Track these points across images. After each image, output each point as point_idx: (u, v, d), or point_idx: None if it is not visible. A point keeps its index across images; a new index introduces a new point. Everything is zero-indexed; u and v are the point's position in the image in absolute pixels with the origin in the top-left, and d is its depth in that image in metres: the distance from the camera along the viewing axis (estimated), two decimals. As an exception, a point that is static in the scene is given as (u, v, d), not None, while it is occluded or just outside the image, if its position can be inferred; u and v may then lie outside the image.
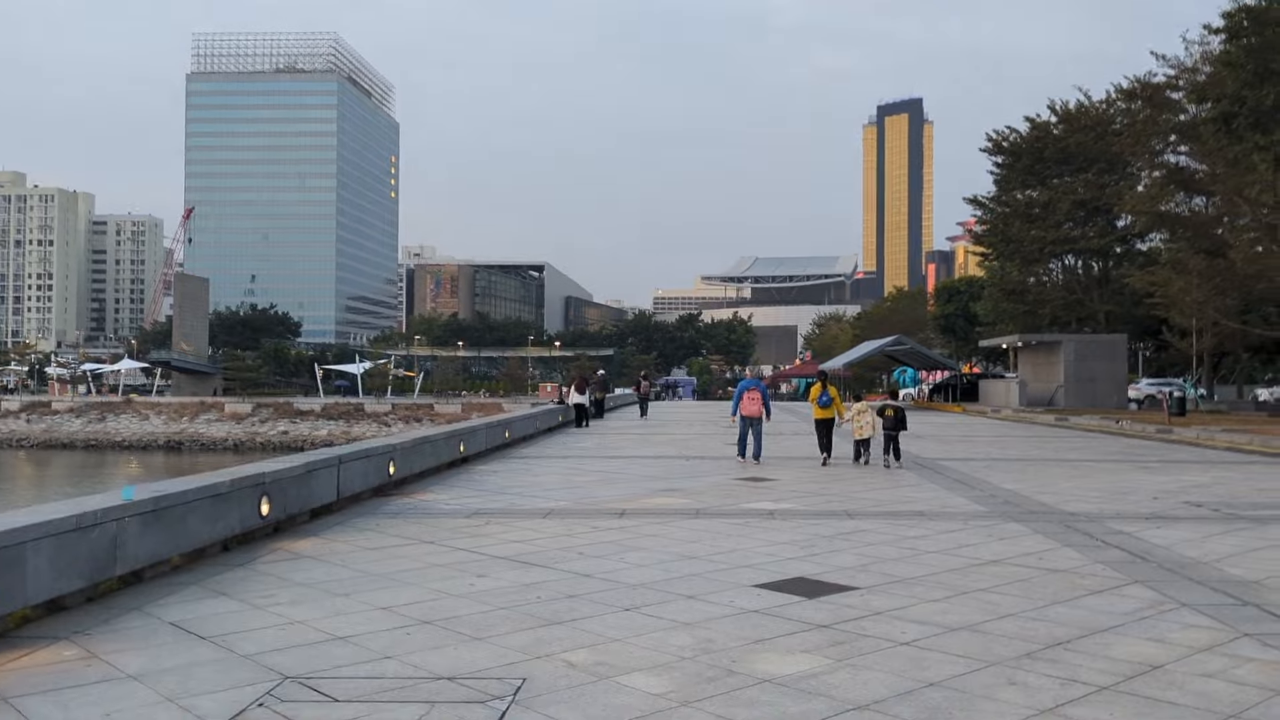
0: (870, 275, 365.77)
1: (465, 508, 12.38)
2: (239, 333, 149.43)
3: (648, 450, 21.86)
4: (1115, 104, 48.49)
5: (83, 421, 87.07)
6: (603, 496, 13.49)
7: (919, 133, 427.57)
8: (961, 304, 78.36)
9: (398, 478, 14.26)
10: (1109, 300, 48.91)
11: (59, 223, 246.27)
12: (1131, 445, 24.07)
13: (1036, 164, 50.09)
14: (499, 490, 14.28)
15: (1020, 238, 48.57)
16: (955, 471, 16.98)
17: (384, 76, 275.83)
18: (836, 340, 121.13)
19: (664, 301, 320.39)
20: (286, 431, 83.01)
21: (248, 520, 9.58)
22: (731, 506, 12.40)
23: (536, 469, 17.53)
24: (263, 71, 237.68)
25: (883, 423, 17.73)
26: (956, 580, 7.91)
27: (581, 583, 7.88)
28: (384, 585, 7.83)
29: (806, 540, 9.83)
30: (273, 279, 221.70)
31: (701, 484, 14.96)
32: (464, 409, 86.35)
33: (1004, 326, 57.26)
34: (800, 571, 8.27)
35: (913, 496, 13.45)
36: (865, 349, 57.79)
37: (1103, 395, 42.51)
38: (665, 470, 17.19)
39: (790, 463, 18.57)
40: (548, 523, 11.12)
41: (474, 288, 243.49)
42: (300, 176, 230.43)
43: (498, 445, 21.34)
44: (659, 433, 28.81)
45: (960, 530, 10.49)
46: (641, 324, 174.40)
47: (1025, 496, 13.42)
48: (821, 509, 12.19)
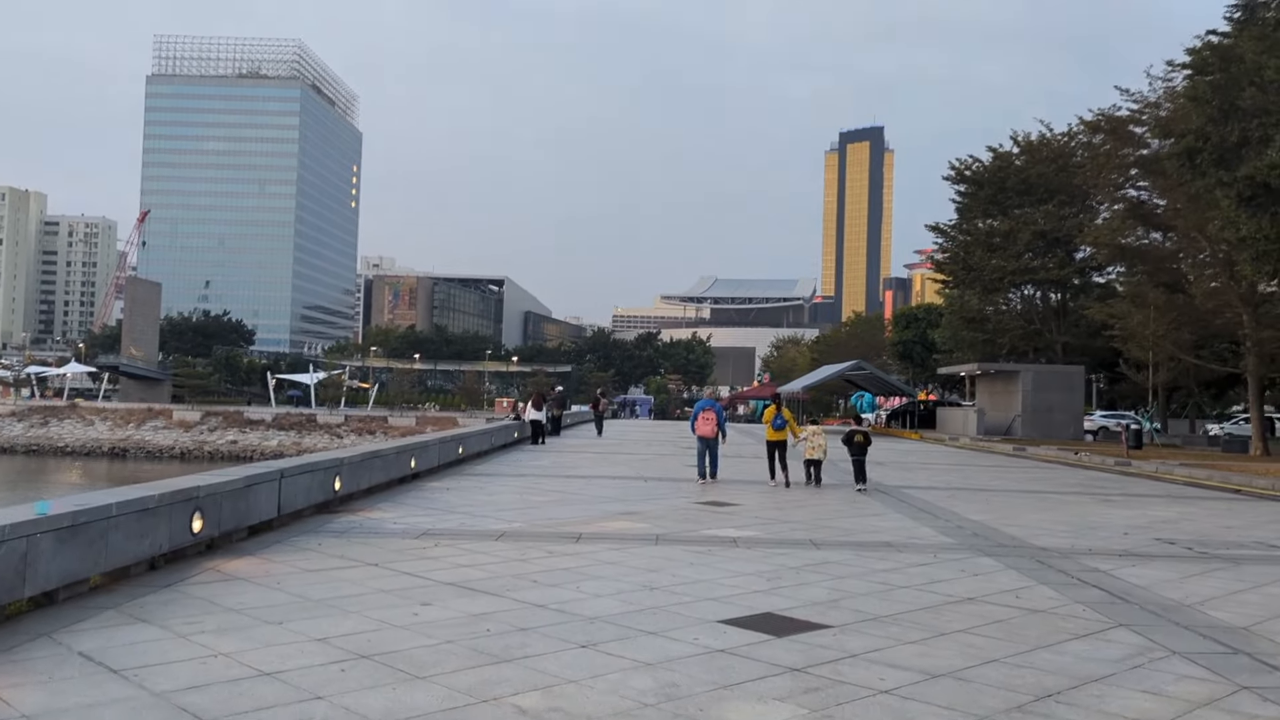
0: (829, 300, 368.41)
1: (414, 527, 11.79)
2: (191, 339, 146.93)
3: (605, 470, 21.34)
4: (1077, 137, 48.94)
5: (24, 426, 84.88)
6: (559, 518, 12.95)
7: (880, 160, 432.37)
8: (919, 331, 78.71)
9: (344, 493, 13.62)
10: (1066, 331, 49.20)
11: (9, 222, 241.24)
12: (1092, 477, 23.92)
13: (998, 194, 50.37)
14: (450, 509, 13.69)
15: (981, 266, 48.75)
16: (919, 500, 16.63)
17: (348, 86, 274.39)
18: (795, 363, 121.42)
19: (623, 320, 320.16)
20: (235, 441, 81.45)
21: (178, 537, 8.94)
22: (693, 533, 11.92)
23: (491, 487, 16.94)
24: (225, 76, 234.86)
25: (852, 448, 18.08)
26: (933, 620, 7.48)
27: (535, 614, 7.35)
28: (322, 613, 7.24)
29: (773, 571, 9.36)
30: (228, 285, 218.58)
31: (661, 507, 14.47)
32: (419, 422, 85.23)
33: (962, 355, 57.47)
34: (768, 606, 7.80)
35: (879, 526, 13.05)
36: (824, 373, 57.72)
37: (1059, 426, 42.61)
38: (623, 491, 16.69)
39: (752, 486, 18.14)
40: (500, 546, 10.57)
41: (432, 300, 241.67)
42: (260, 183, 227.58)
43: (451, 461, 20.72)
44: (617, 452, 28.30)
45: (931, 564, 10.08)
46: (600, 341, 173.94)
47: (993, 529, 13.06)
48: (786, 537, 11.74)
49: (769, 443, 18.72)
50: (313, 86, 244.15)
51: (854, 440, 18.23)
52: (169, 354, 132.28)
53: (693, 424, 18.87)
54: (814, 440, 18.28)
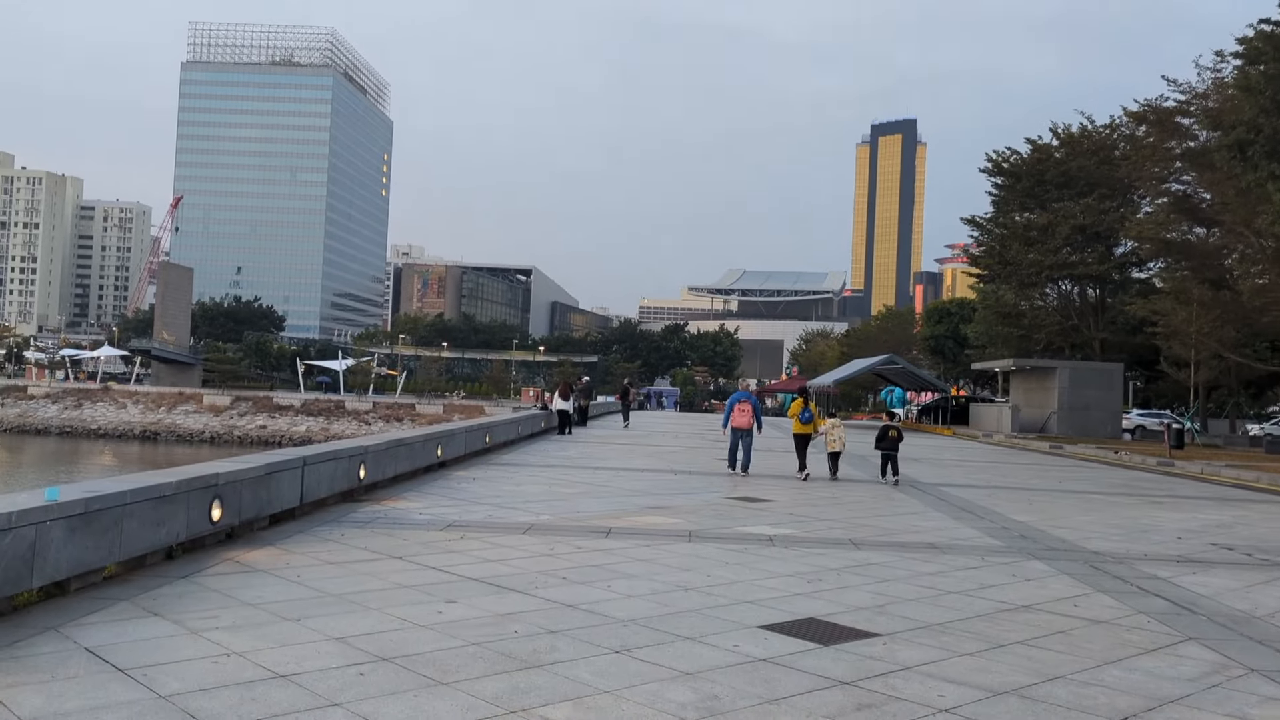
0: (858, 294, 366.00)
1: (439, 518, 11.44)
2: (222, 324, 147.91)
3: (634, 462, 20.95)
4: (1119, 129, 47.93)
5: (58, 408, 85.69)
6: (588, 511, 12.57)
7: (912, 153, 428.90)
8: (952, 325, 77.66)
9: (368, 482, 13.31)
10: (1104, 328, 48.24)
11: (46, 206, 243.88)
12: (1135, 478, 23.28)
13: (1036, 186, 49.43)
14: (477, 500, 13.35)
15: (1017, 260, 47.86)
16: (958, 499, 16.13)
17: (380, 74, 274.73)
18: (824, 356, 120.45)
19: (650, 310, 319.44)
20: (265, 426, 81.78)
21: (196, 526, 8.63)
22: (727, 529, 11.51)
23: (518, 477, 16.59)
24: (258, 63, 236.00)
25: (885, 443, 18.12)
26: (989, 629, 7.03)
27: (565, 615, 6.97)
28: (342, 609, 6.89)
29: (813, 573, 8.93)
30: (259, 272, 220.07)
31: (693, 502, 14.06)
32: (445, 410, 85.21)
33: (996, 350, 56.56)
34: (810, 611, 7.37)
35: (920, 526, 12.57)
36: (855, 366, 57.02)
37: (1096, 424, 41.81)
38: (654, 484, 16.29)
39: (784, 481, 17.69)
40: (528, 540, 10.20)
41: (461, 289, 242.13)
42: (291, 170, 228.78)
43: (478, 450, 20.40)
44: (644, 444, 27.90)
45: (980, 568, 9.61)
46: (627, 332, 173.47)
47: (1040, 530, 12.56)
48: (824, 536, 11.30)
49: (796, 435, 18.80)
50: (345, 74, 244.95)
51: (888, 436, 18.18)
52: (200, 339, 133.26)
53: (727, 419, 18.72)
54: (834, 434, 18.45)
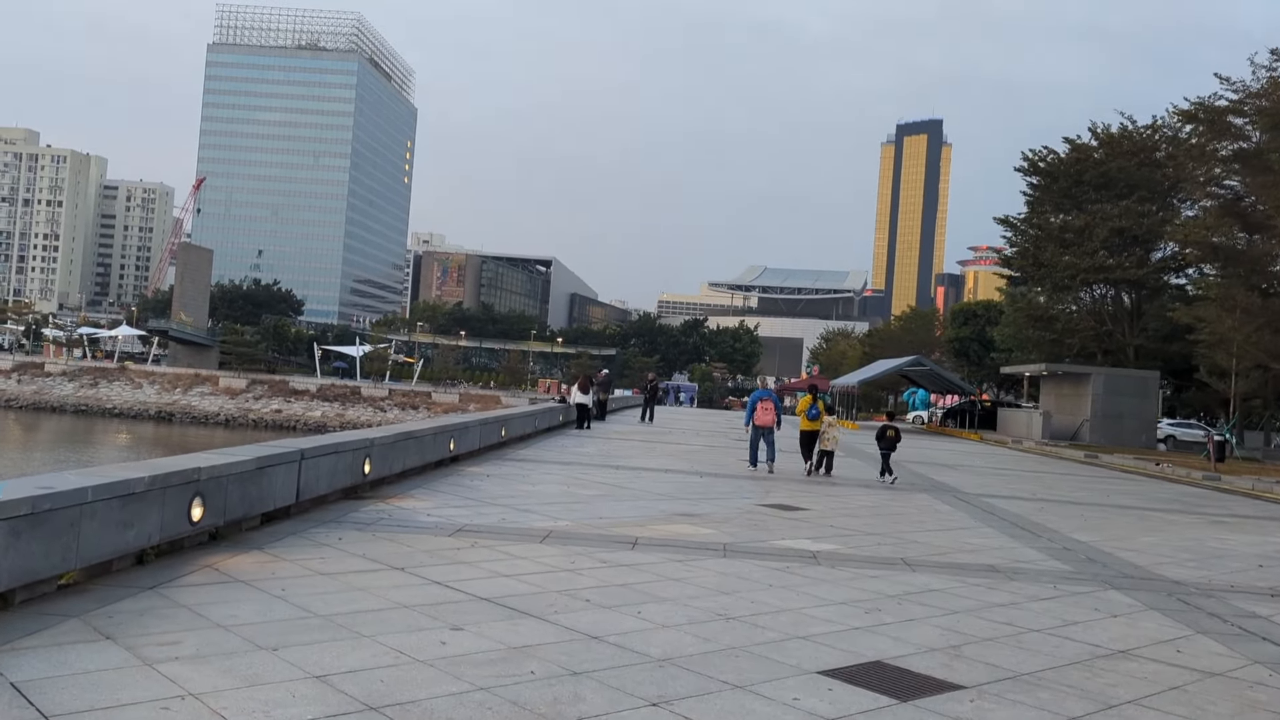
0: (879, 294, 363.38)
1: (449, 521, 10.42)
2: (240, 307, 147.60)
3: (656, 461, 19.90)
4: (1161, 129, 46.50)
5: (75, 386, 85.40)
6: (610, 517, 11.52)
7: (937, 154, 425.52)
8: (977, 328, 76.20)
9: (374, 478, 12.31)
10: (1139, 335, 46.83)
11: (69, 184, 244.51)
12: (1183, 492, 22.07)
13: (1074, 187, 47.98)
14: (490, 500, 12.32)
15: (1052, 262, 46.46)
16: (1006, 512, 15.00)
17: (405, 61, 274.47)
18: (845, 356, 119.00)
19: (668, 305, 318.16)
20: (280, 410, 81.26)
21: (172, 527, 7.62)
22: (763, 543, 10.44)
23: (534, 475, 15.57)
24: (284, 47, 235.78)
25: (883, 443, 18.53)
26: (1090, 682, 5.94)
27: (590, 650, 5.92)
28: (328, 636, 5.87)
29: (869, 600, 7.86)
30: (279, 255, 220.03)
31: (723, 509, 12.99)
32: (461, 399, 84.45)
33: (1024, 354, 55.18)
34: (875, 651, 6.30)
35: (974, 543, 11.47)
36: (881, 367, 55.72)
37: (1130, 434, 40.49)
38: (679, 487, 15.24)
39: (815, 485, 16.61)
40: (546, 549, 9.16)
41: (480, 278, 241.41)
42: (314, 155, 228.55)
43: (493, 444, 19.40)
44: (664, 441, 26.85)
45: (1055, 598, 8.50)
46: (646, 326, 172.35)
47: (1105, 553, 11.44)
48: (873, 554, 10.22)
49: (803, 432, 19.14)
50: (370, 60, 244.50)
51: (886, 435, 18.54)
52: (219, 320, 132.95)
53: (749, 416, 18.80)
54: (829, 433, 18.65)
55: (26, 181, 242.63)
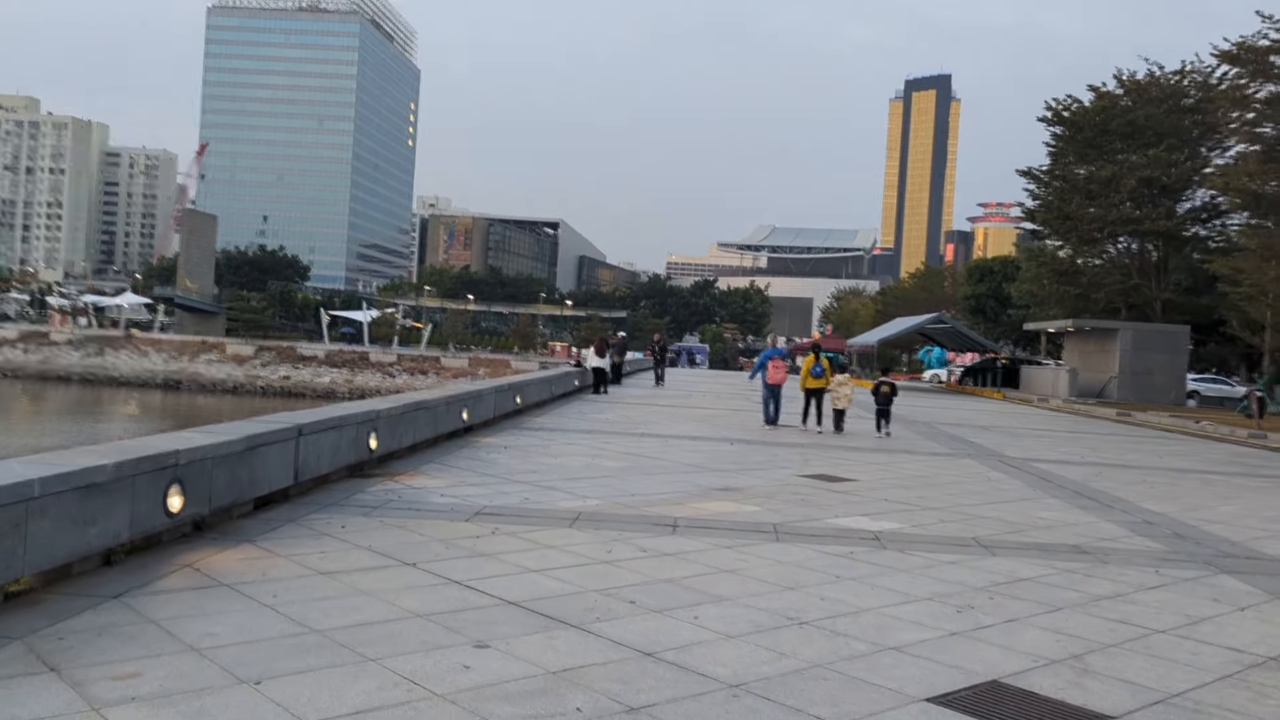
0: (888, 251, 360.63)
1: (465, 502, 9.35)
2: (246, 273, 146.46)
3: (680, 427, 18.81)
4: (1190, 74, 44.80)
5: (80, 355, 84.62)
6: (643, 493, 10.44)
7: (946, 110, 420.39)
8: (994, 284, 74.69)
9: (381, 453, 11.24)
10: (1167, 288, 45.43)
11: (71, 152, 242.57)
12: (1235, 453, 20.93)
13: (1099, 137, 46.30)
14: (510, 475, 11.25)
15: (1078, 215, 44.95)
16: (1063, 479, 13.90)
17: (407, 22, 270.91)
18: (857, 315, 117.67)
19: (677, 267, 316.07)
20: (288, 377, 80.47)
21: (146, 520, 6.55)
22: (816, 522, 9.35)
23: (555, 446, 14.48)
24: (285, 9, 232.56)
25: (878, 398, 19.29)
26: (1257, 706, 4.85)
27: (645, 674, 4.85)
28: (326, 659, 4.81)
29: (955, 593, 6.77)
30: (285, 221, 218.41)
31: (762, 481, 11.91)
32: (471, 363, 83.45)
33: (1042, 310, 53.78)
34: (986, 666, 5.22)
35: (1045, 518, 10.37)
36: (900, 325, 54.47)
37: (1159, 390, 39.30)
38: (710, 457, 14.15)
39: (857, 453, 15.52)
40: (577, 535, 8.08)
41: (487, 241, 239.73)
42: (318, 118, 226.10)
43: (508, 413, 18.32)
44: (685, 405, 25.77)
45: (1164, 586, 7.41)
46: (656, 287, 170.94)
47: (1190, 525, 10.35)
48: (939, 533, 9.12)
49: (806, 390, 19.52)
50: (372, 21, 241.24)
51: (880, 390, 19.39)
52: (225, 287, 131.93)
53: (758, 371, 19.81)
54: (840, 391, 19.19)
55: (28, 149, 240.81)
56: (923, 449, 17.20)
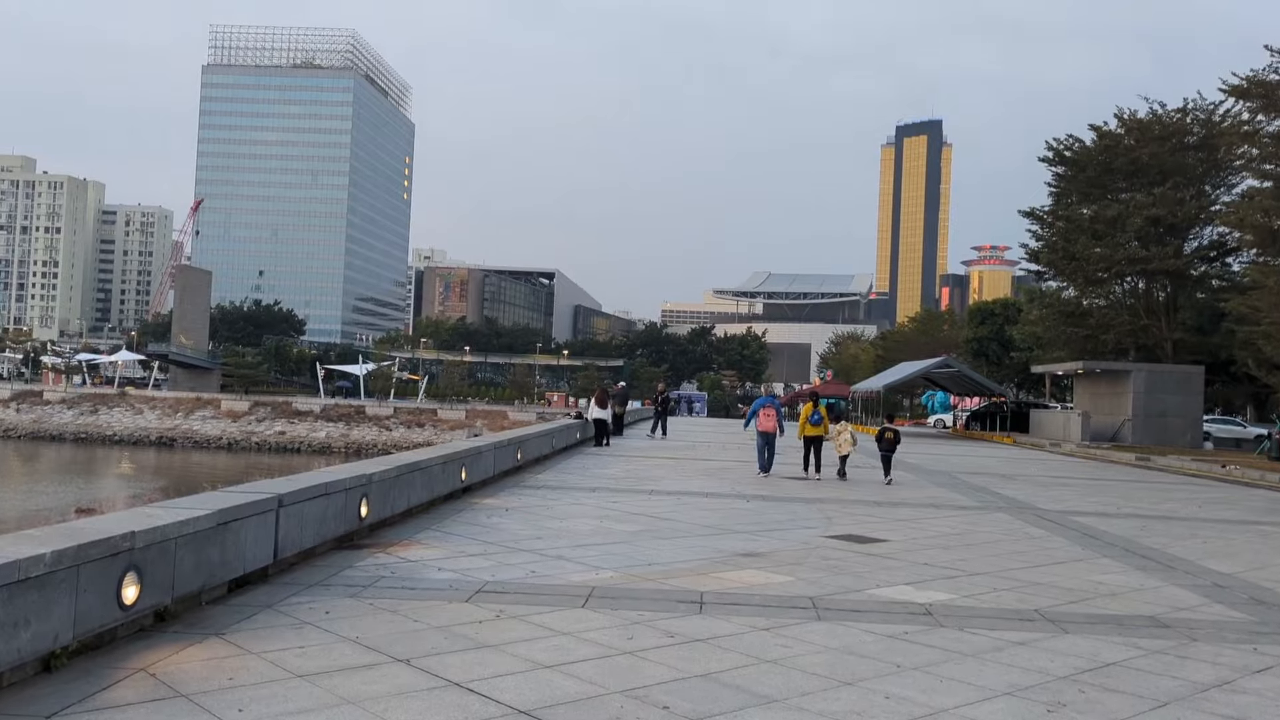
0: (883, 296, 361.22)
1: (466, 577, 8.39)
2: (241, 328, 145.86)
3: (690, 482, 17.86)
4: (1192, 112, 44.44)
5: (74, 413, 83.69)
6: (660, 562, 9.48)
7: (937, 155, 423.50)
8: (995, 327, 74.07)
9: (373, 520, 10.29)
10: (1177, 328, 44.68)
11: (67, 210, 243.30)
12: (1276, 500, 19.97)
13: (1103, 176, 45.85)
14: (513, 543, 10.29)
15: (1084, 255, 44.35)
16: (1109, 535, 12.94)
17: (401, 77, 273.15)
18: (856, 360, 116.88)
19: (672, 314, 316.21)
20: (284, 432, 79.57)
21: (93, 616, 5.61)
22: (857, 594, 8.39)
23: (560, 507, 13.52)
24: (280, 66, 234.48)
25: (883, 445, 19.47)
26: None
27: (694, 815, 3.88)
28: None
29: (1039, 685, 5.81)
30: (280, 275, 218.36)
31: (787, 544, 10.96)
32: (468, 415, 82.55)
33: (1046, 353, 52.99)
34: (1108, 791, 4.26)
35: (1105, 581, 9.42)
36: (906, 370, 53.58)
37: (1175, 432, 38.39)
38: (727, 516, 13.19)
39: (876, 508, 14.55)
40: (593, 618, 7.12)
41: (483, 292, 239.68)
42: (313, 174, 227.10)
43: (508, 469, 17.36)
44: (692, 457, 24.82)
45: (1271, 669, 6.45)
46: (652, 335, 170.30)
47: (1267, 589, 9.40)
48: (996, 605, 8.16)
49: (806, 438, 19.63)
50: (366, 77, 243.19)
51: (885, 437, 19.52)
52: (221, 343, 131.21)
53: (751, 417, 20.14)
54: (840, 437, 19.51)
55: (24, 209, 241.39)
56: (949, 502, 16.26)
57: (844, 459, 19.43)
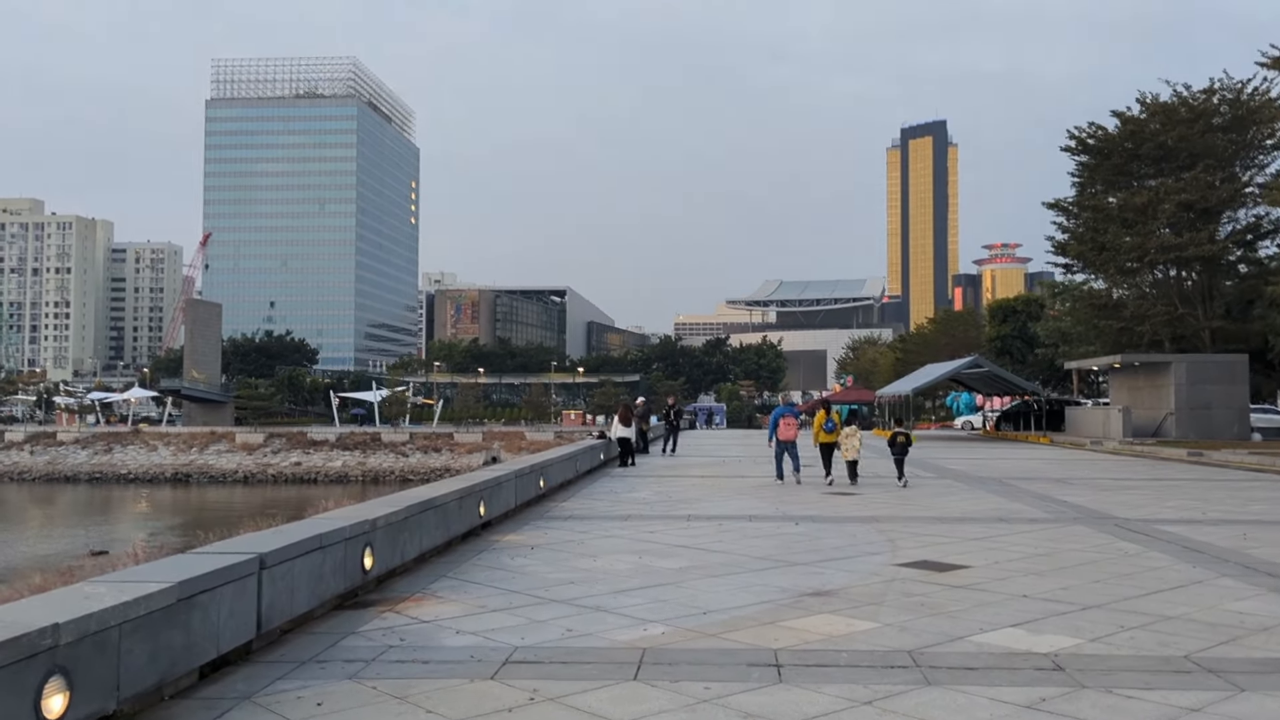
0: (895, 299, 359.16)
1: (489, 641, 6.99)
2: (254, 360, 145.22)
3: (729, 503, 16.44)
4: (1219, 92, 42.90)
5: (88, 453, 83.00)
6: (717, 608, 8.05)
7: (943, 155, 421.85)
8: (1019, 324, 72.48)
9: (380, 572, 8.91)
10: (1214, 316, 43.01)
11: (77, 250, 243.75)
12: (1360, 494, 18.42)
13: (1129, 162, 44.31)
14: (543, 591, 8.88)
15: (1115, 245, 42.76)
16: (1211, 547, 11.46)
17: (404, 101, 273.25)
18: (875, 364, 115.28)
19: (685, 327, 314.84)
20: (299, 463, 78.63)
21: (2, 743, 4.23)
22: (960, 642, 6.95)
23: (592, 541, 12.10)
24: (282, 97, 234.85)
25: (895, 449, 19.67)
26: None
27: None
28: None
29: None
30: (292, 306, 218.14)
31: (856, 577, 9.53)
32: (485, 438, 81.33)
33: (1076, 348, 51.35)
34: None
35: (1245, 611, 7.95)
36: (935, 372, 51.94)
37: (1221, 425, 36.75)
38: (779, 543, 11.76)
39: (937, 524, 13.09)
40: (648, 695, 5.72)
41: (495, 313, 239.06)
42: (320, 203, 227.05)
43: (530, 499, 15.98)
44: (723, 474, 23.37)
45: None
46: (667, 349, 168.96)
47: None
48: (1134, 651, 6.71)
49: (821, 445, 19.99)
50: (369, 104, 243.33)
51: (896, 441, 19.73)
52: (233, 375, 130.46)
53: (773, 430, 20.21)
54: (847, 443, 19.51)
55: (34, 250, 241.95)
56: (1015, 514, 14.78)
57: (852, 464, 19.65)
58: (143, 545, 28.31)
